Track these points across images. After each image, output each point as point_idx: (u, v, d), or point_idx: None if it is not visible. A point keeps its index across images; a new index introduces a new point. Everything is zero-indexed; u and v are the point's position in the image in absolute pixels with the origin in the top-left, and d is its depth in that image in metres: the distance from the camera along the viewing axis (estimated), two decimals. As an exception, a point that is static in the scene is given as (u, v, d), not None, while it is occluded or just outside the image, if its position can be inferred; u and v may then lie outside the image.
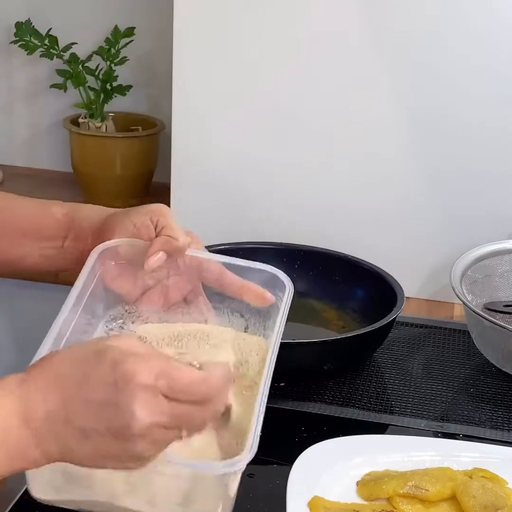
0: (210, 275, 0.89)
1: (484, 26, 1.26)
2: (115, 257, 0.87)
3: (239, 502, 0.89)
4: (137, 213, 0.88)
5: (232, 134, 1.39)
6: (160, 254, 0.84)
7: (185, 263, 0.89)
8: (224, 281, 0.89)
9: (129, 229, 0.87)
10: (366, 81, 1.32)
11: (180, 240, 0.85)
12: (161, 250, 0.84)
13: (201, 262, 0.89)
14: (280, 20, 1.32)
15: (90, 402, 0.65)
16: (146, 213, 0.87)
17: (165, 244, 0.85)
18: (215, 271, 0.89)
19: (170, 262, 0.87)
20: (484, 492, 0.86)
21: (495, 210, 1.35)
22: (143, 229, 0.86)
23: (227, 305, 0.91)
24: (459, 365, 1.19)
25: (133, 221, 0.87)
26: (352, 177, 1.38)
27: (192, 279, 0.90)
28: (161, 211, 0.87)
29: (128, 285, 0.89)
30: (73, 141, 1.75)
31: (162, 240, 0.85)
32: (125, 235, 0.87)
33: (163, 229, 0.86)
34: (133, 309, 0.90)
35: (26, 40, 1.69)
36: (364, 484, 0.88)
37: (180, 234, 0.86)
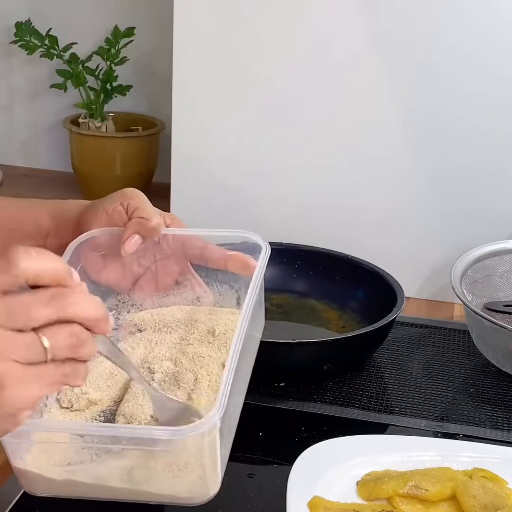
0: (193, 251, 0.88)
1: (484, 26, 1.26)
2: (96, 248, 0.87)
3: (239, 502, 0.89)
4: (108, 200, 0.87)
5: (232, 134, 1.39)
6: (136, 238, 0.83)
7: (169, 245, 0.88)
8: (207, 255, 0.87)
9: (103, 218, 0.86)
10: (366, 81, 1.32)
11: (153, 221, 0.84)
12: (135, 233, 0.83)
13: (184, 241, 0.88)
14: (280, 20, 1.32)
15: None
16: (117, 199, 0.87)
17: (137, 226, 0.84)
18: (198, 246, 0.88)
19: (154, 247, 0.87)
20: (484, 492, 0.86)
21: (495, 210, 1.35)
22: (115, 215, 0.86)
23: (215, 278, 0.90)
24: (459, 365, 1.19)
25: (105, 209, 0.86)
26: (352, 177, 1.38)
27: (179, 260, 0.89)
28: (131, 194, 0.87)
29: (116, 275, 0.88)
30: (73, 141, 1.75)
31: (134, 222, 0.84)
32: (100, 224, 0.86)
33: (134, 212, 0.85)
34: (126, 298, 0.89)
35: (26, 40, 1.69)
36: (364, 484, 0.88)
37: (153, 215, 0.85)
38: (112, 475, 0.71)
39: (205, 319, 0.88)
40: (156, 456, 0.70)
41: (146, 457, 0.70)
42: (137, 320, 0.89)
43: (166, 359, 0.83)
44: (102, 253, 0.87)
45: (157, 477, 0.71)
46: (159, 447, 0.69)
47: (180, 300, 0.90)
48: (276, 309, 1.28)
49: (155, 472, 0.70)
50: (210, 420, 0.66)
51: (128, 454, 0.70)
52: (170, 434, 0.66)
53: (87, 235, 0.85)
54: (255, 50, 1.34)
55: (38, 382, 0.58)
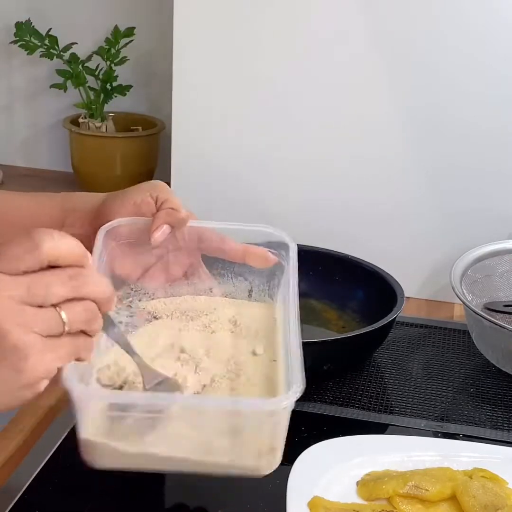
0: (211, 244, 0.89)
1: (484, 26, 1.26)
2: (117, 238, 0.87)
3: (239, 502, 0.90)
4: (136, 191, 0.88)
5: (232, 134, 1.39)
6: (165, 227, 0.85)
7: (184, 237, 0.89)
8: (225, 248, 0.89)
9: (129, 208, 0.87)
10: (366, 81, 1.32)
11: (182, 212, 0.86)
12: (165, 223, 0.85)
13: (200, 234, 0.90)
14: (280, 20, 1.32)
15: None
16: (145, 190, 0.88)
17: (168, 216, 0.85)
18: (215, 239, 0.89)
19: (168, 238, 0.88)
20: (484, 492, 0.86)
21: (495, 210, 1.35)
22: (144, 206, 0.87)
23: (231, 270, 0.91)
24: (459, 365, 1.19)
25: (133, 199, 0.87)
26: (352, 176, 1.38)
27: (191, 252, 0.90)
28: (160, 187, 0.88)
29: (129, 264, 0.89)
30: (73, 141, 1.75)
31: (165, 213, 0.85)
32: (126, 214, 0.87)
33: (163, 203, 0.86)
34: (138, 287, 0.90)
35: (26, 40, 1.69)
36: (364, 484, 0.88)
37: (181, 206, 0.87)
38: (187, 446, 0.72)
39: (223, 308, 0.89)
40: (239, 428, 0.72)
41: (227, 429, 0.72)
42: (150, 308, 0.89)
43: (198, 347, 0.84)
44: (121, 243, 0.87)
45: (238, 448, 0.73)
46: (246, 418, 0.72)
47: (192, 290, 0.91)
48: (276, 309, 1.28)
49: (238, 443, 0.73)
50: (295, 395, 0.71)
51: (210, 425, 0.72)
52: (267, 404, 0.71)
53: (116, 223, 0.86)
54: (255, 50, 1.34)
55: (55, 353, 0.62)
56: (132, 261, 0.89)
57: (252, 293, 0.91)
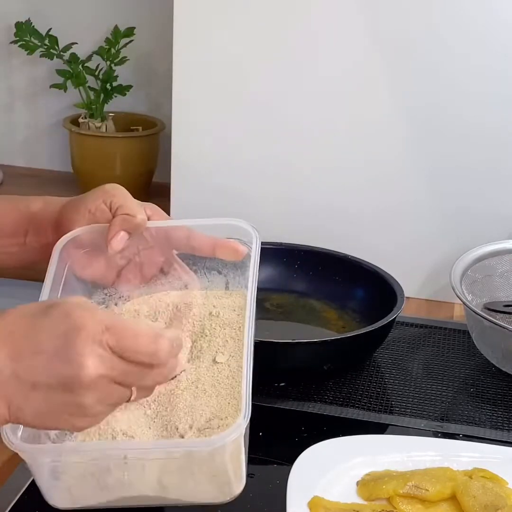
0: (179, 241, 0.88)
1: (484, 26, 1.26)
2: (81, 246, 0.87)
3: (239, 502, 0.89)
4: (90, 199, 0.87)
5: (232, 134, 1.39)
6: (122, 234, 0.84)
7: (152, 235, 0.88)
8: (194, 243, 0.88)
9: (86, 216, 0.86)
10: (366, 82, 1.32)
11: (137, 217, 0.84)
12: (121, 230, 0.84)
13: (167, 232, 0.88)
14: (281, 21, 1.32)
15: (38, 354, 0.65)
16: (99, 197, 0.86)
17: (123, 223, 0.84)
18: (183, 236, 0.88)
19: (137, 238, 0.87)
20: (484, 492, 0.86)
21: (495, 210, 1.35)
22: (98, 213, 0.86)
23: (202, 266, 0.90)
24: (459, 365, 1.19)
25: (88, 207, 0.86)
26: (353, 176, 1.38)
27: (163, 249, 0.89)
28: (113, 192, 0.86)
29: (100, 270, 0.88)
30: (73, 141, 1.75)
31: (120, 219, 0.84)
32: (83, 223, 0.86)
33: (118, 209, 0.85)
34: (113, 291, 0.89)
35: (26, 40, 1.69)
36: (364, 484, 0.88)
37: (137, 211, 0.85)
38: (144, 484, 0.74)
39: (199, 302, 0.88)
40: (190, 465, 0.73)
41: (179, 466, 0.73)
42: (125, 312, 0.89)
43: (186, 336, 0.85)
44: (87, 250, 0.87)
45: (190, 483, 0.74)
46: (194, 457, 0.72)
47: (168, 289, 0.90)
48: (276, 309, 1.28)
49: (189, 479, 0.74)
50: (239, 427, 0.70)
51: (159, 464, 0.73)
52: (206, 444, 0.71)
53: (72, 234, 0.85)
54: (256, 51, 1.34)
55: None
56: (102, 266, 0.88)
57: (229, 285, 0.90)
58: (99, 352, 0.65)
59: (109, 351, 0.65)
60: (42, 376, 0.65)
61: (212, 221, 0.90)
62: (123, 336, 0.66)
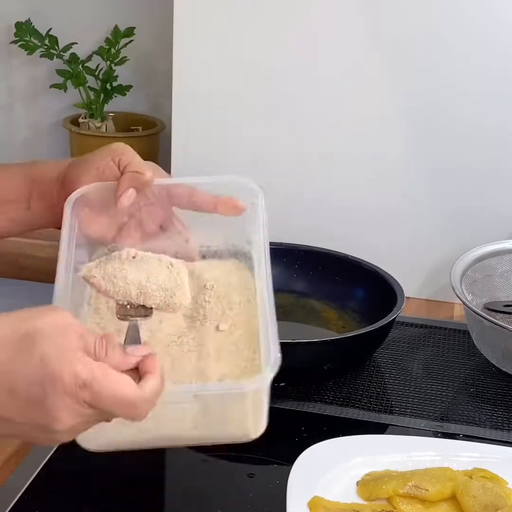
0: (181, 198, 0.89)
1: (484, 26, 1.26)
2: (87, 204, 0.87)
3: (240, 502, 0.90)
4: (98, 157, 0.88)
5: (232, 134, 1.39)
6: (130, 191, 0.85)
7: (154, 193, 0.89)
8: (195, 200, 0.89)
9: (93, 174, 0.87)
10: (366, 82, 1.32)
11: (146, 174, 0.86)
12: (130, 187, 0.85)
13: (169, 189, 0.89)
14: (281, 20, 1.32)
15: (15, 395, 0.65)
16: (107, 155, 0.87)
17: (132, 180, 0.85)
18: (185, 193, 0.89)
19: (139, 195, 0.87)
20: (484, 492, 0.86)
21: (495, 210, 1.35)
22: (107, 171, 0.87)
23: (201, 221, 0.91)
24: (459, 365, 1.19)
25: (96, 165, 0.87)
26: (353, 176, 1.38)
27: (164, 205, 0.90)
28: (122, 150, 0.87)
29: (104, 226, 0.89)
30: (73, 141, 1.75)
31: (129, 176, 0.85)
32: (90, 180, 0.87)
33: (126, 167, 0.86)
34: (115, 247, 0.89)
35: (26, 40, 1.69)
36: (364, 484, 0.88)
37: (145, 168, 0.86)
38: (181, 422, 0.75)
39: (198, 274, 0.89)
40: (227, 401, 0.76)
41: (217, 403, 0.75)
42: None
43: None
44: (94, 207, 0.87)
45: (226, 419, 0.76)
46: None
47: (169, 244, 0.90)
48: (276, 309, 1.28)
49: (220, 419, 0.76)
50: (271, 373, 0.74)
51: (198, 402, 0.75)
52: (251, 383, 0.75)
53: (82, 190, 0.86)
54: (255, 50, 1.34)
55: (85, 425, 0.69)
56: (105, 223, 0.89)
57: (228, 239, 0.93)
58: (74, 406, 0.65)
59: (85, 406, 0.65)
60: (16, 416, 0.66)
61: (215, 179, 0.92)
62: (100, 397, 0.65)
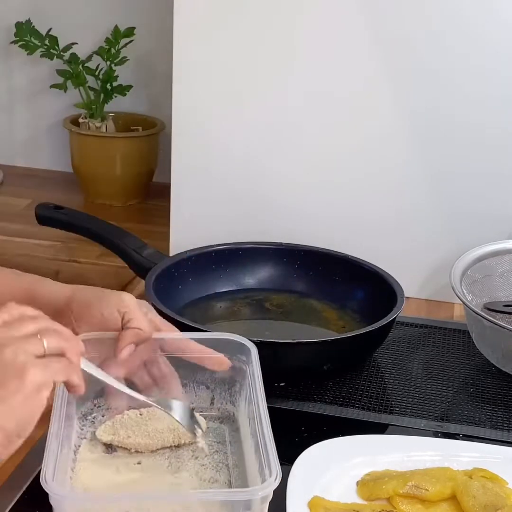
0: (171, 344, 0.95)
1: (484, 26, 1.26)
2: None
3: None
4: (105, 304, 0.92)
5: (232, 134, 1.39)
6: (131, 346, 0.90)
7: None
8: (185, 347, 0.94)
9: (97, 317, 0.91)
10: (367, 87, 1.32)
11: (147, 332, 0.91)
12: (131, 342, 0.90)
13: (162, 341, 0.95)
14: (281, 21, 1.31)
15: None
16: (114, 305, 0.92)
17: (134, 336, 0.90)
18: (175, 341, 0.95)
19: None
20: (484, 492, 0.86)
21: (495, 210, 1.35)
22: (112, 319, 0.91)
23: (192, 380, 0.96)
24: (459, 365, 1.19)
25: (101, 311, 0.92)
26: (353, 177, 1.38)
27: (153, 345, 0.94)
28: (127, 302, 0.92)
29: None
30: (73, 141, 1.75)
31: (132, 333, 0.90)
32: (92, 322, 0.91)
33: (130, 321, 0.91)
34: (102, 402, 0.94)
35: (26, 40, 1.69)
36: (364, 484, 0.88)
37: (146, 325, 0.91)
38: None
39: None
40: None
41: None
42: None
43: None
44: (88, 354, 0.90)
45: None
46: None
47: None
48: (276, 309, 1.28)
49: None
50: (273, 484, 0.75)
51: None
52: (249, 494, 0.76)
53: (83, 336, 0.89)
54: (256, 50, 1.34)
55: (47, 368, 0.74)
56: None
57: (214, 401, 0.96)
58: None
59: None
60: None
61: (210, 335, 0.97)
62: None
